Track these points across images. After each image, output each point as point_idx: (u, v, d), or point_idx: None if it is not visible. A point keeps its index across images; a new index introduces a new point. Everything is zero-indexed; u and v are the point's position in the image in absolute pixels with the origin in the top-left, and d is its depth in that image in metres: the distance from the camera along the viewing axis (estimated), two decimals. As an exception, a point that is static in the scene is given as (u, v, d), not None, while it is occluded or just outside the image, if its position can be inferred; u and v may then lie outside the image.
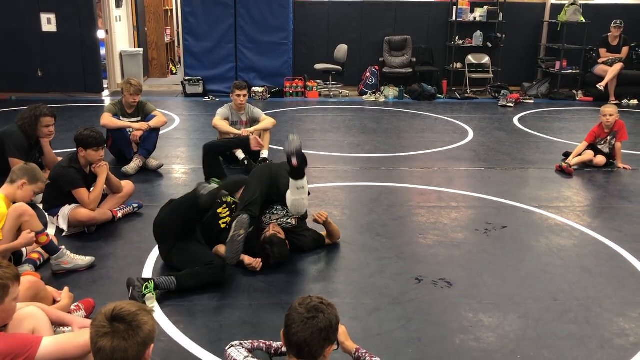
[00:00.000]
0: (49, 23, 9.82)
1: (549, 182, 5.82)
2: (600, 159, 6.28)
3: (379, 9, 11.06)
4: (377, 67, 10.87)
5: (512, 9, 11.15)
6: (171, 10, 14.10)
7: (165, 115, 7.50)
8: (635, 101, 10.26)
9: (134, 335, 1.89)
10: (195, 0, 10.12)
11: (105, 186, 4.47)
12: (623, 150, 6.42)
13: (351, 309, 3.34)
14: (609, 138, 6.34)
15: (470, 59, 11.06)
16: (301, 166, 3.67)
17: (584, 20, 10.64)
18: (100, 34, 10.33)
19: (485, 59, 11.08)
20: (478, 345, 3.03)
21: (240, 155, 5.90)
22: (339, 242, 4.24)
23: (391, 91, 10.49)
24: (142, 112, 6.04)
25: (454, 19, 10.92)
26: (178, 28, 13.78)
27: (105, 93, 10.45)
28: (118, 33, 11.00)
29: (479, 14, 10.92)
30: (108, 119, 5.83)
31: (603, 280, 3.77)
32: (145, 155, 5.89)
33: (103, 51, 10.53)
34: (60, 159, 4.83)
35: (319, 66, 10.57)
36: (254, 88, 10.11)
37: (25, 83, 9.92)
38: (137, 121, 5.98)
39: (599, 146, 6.38)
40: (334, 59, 10.54)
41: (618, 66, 10.07)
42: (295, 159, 3.59)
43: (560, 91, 10.72)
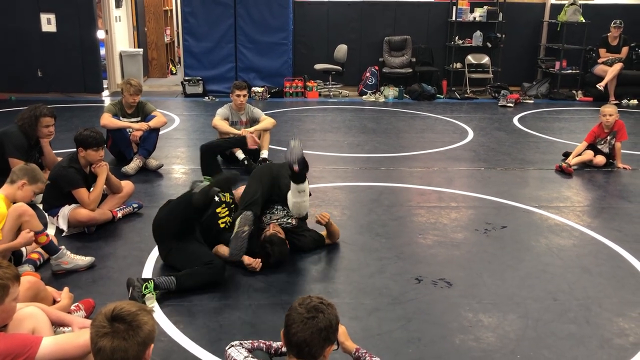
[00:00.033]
0: (48, 23, 9.81)
1: (548, 182, 5.82)
2: (600, 159, 6.28)
3: (379, 9, 11.06)
4: (377, 67, 10.87)
5: (512, 9, 11.15)
6: (171, 11, 14.10)
7: (165, 115, 7.51)
8: (635, 101, 10.26)
9: (134, 335, 1.89)
10: (195, 1, 10.12)
11: (105, 186, 4.47)
12: (623, 150, 6.42)
13: (351, 309, 3.34)
14: (609, 138, 6.34)
15: (470, 59, 11.06)
16: (302, 172, 3.69)
17: (584, 20, 10.64)
18: (100, 34, 10.33)
19: (485, 59, 11.08)
20: (478, 345, 3.03)
21: (240, 155, 5.90)
22: (338, 242, 4.24)
23: (391, 91, 10.49)
24: (142, 113, 6.04)
25: (454, 19, 10.92)
26: (178, 28, 13.78)
27: (105, 93, 10.45)
28: (118, 33, 11.00)
29: (479, 14, 10.92)
30: (108, 119, 5.83)
31: (603, 280, 3.77)
32: (145, 156, 5.89)
33: (103, 51, 10.53)
34: (60, 159, 4.83)
35: (318, 66, 10.57)
36: (253, 88, 10.11)
37: (25, 83, 9.92)
38: (137, 121, 5.98)
39: (599, 146, 6.38)
40: (333, 59, 10.54)
41: (618, 66, 10.07)
42: (296, 166, 3.60)
43: (560, 91, 10.73)
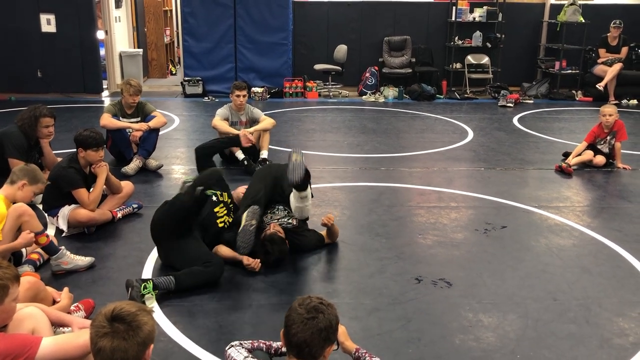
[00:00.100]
0: (48, 24, 9.82)
1: (548, 182, 5.82)
2: (600, 159, 6.28)
3: (379, 10, 11.06)
4: (377, 68, 10.87)
5: (512, 9, 11.15)
6: (171, 11, 14.11)
7: (165, 115, 7.51)
8: (634, 101, 10.26)
9: (134, 336, 1.89)
10: (194, 1, 10.12)
11: (104, 187, 4.47)
12: (622, 150, 6.42)
13: (351, 309, 3.34)
14: (609, 138, 6.34)
15: (470, 59, 11.06)
16: (304, 182, 3.72)
17: (584, 21, 10.64)
18: (100, 35, 10.33)
19: (485, 59, 11.08)
20: (478, 345, 3.03)
21: (240, 155, 5.90)
22: (338, 242, 4.24)
23: (391, 91, 10.50)
24: (142, 113, 6.04)
25: (454, 19, 10.92)
26: (177, 28, 13.80)
27: (105, 93, 10.45)
28: (117, 33, 11.00)
29: (479, 14, 10.92)
30: (107, 120, 5.83)
31: (602, 280, 3.77)
32: (144, 156, 5.89)
33: (102, 52, 10.53)
34: (60, 159, 4.83)
35: (318, 66, 10.57)
36: (253, 88, 10.11)
37: (24, 84, 9.92)
38: (137, 122, 5.98)
39: (599, 146, 6.38)
40: (333, 60, 10.54)
41: (617, 66, 10.08)
42: (299, 183, 3.65)
43: (559, 91, 10.73)
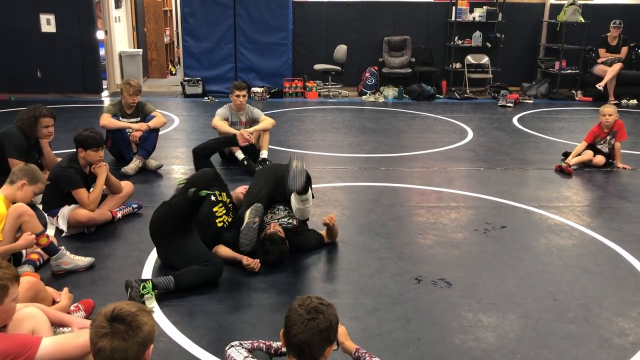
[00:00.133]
0: (48, 24, 9.81)
1: (548, 182, 5.82)
2: (600, 159, 6.28)
3: (378, 10, 11.06)
4: (377, 68, 10.87)
5: (511, 9, 11.16)
6: (170, 11, 14.11)
7: (165, 115, 7.51)
8: (634, 101, 10.26)
9: (134, 336, 1.88)
10: (194, 1, 10.12)
11: (104, 187, 4.47)
12: (622, 150, 6.42)
13: (351, 309, 3.34)
14: (609, 138, 6.34)
15: (470, 59, 11.06)
16: (305, 188, 3.75)
17: (583, 20, 10.64)
18: (100, 35, 10.32)
19: (485, 59, 11.08)
20: (478, 345, 3.03)
21: (240, 155, 5.90)
22: (338, 242, 4.24)
23: (390, 91, 10.50)
24: (142, 113, 6.04)
25: (453, 19, 10.92)
26: (177, 28, 13.80)
27: (105, 94, 10.45)
28: (117, 34, 11.00)
29: (478, 14, 10.92)
30: (107, 120, 5.83)
31: (602, 280, 3.77)
32: (144, 156, 5.89)
33: (102, 52, 10.53)
34: (59, 159, 4.83)
35: (318, 66, 10.57)
36: (253, 88, 10.11)
37: (24, 84, 9.92)
38: (137, 122, 5.98)
39: (599, 146, 6.38)
40: (333, 60, 10.54)
41: (617, 66, 10.08)
42: (299, 190, 3.70)
43: (559, 91, 10.73)
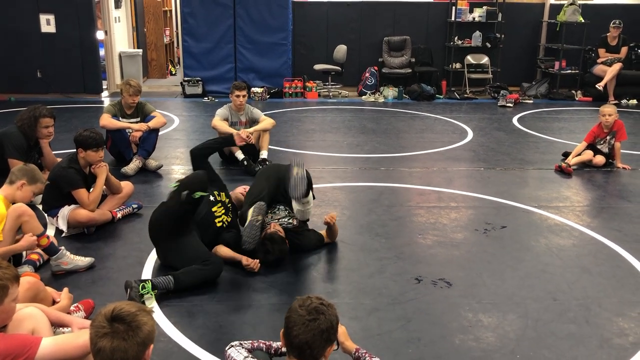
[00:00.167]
0: (48, 24, 9.81)
1: (548, 182, 5.82)
2: (600, 159, 6.28)
3: (378, 10, 11.06)
4: (376, 68, 10.87)
5: (511, 9, 11.16)
6: (170, 11, 14.11)
7: (165, 116, 7.52)
8: (634, 101, 10.26)
9: (134, 336, 1.88)
10: (194, 1, 10.12)
11: (104, 187, 4.47)
12: (622, 150, 6.42)
13: (351, 309, 3.34)
14: (608, 138, 6.34)
15: (470, 59, 11.06)
16: (306, 193, 3.77)
17: (583, 20, 10.64)
18: (100, 35, 10.32)
19: (485, 59, 11.08)
20: (477, 345, 3.03)
21: (240, 155, 5.90)
22: (338, 242, 4.24)
23: (390, 91, 10.50)
24: (142, 113, 6.04)
25: (453, 19, 10.93)
26: (177, 29, 13.79)
27: (105, 94, 10.45)
28: (117, 34, 11.00)
29: (478, 14, 10.93)
30: (107, 120, 5.83)
31: (602, 280, 3.77)
32: (144, 156, 5.89)
33: (102, 52, 10.53)
34: (59, 159, 4.83)
35: (318, 67, 10.57)
36: (253, 89, 10.11)
37: (24, 84, 9.92)
38: (137, 122, 5.98)
39: (598, 146, 6.38)
40: (333, 60, 10.54)
41: (617, 66, 10.08)
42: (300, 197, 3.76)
43: (559, 91, 10.73)
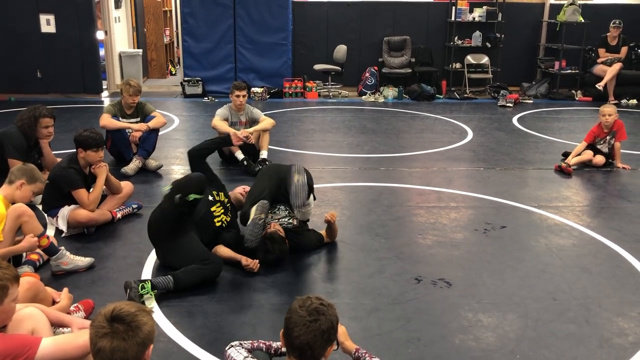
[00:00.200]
0: (48, 24, 9.81)
1: (548, 182, 5.82)
2: (600, 159, 6.28)
3: (378, 10, 11.06)
4: (376, 68, 10.87)
5: (511, 9, 11.16)
6: (170, 11, 14.11)
7: (165, 116, 7.52)
8: (634, 101, 10.26)
9: (134, 336, 1.89)
10: (194, 1, 10.12)
11: (104, 187, 4.47)
12: (622, 150, 6.42)
13: (350, 309, 3.34)
14: (608, 138, 6.34)
15: (470, 59, 11.06)
16: (307, 195, 3.83)
17: (583, 20, 10.64)
18: (100, 35, 10.32)
19: (485, 59, 11.08)
20: (477, 345, 3.03)
21: (240, 155, 5.90)
22: (338, 243, 4.24)
23: (390, 91, 10.50)
24: (142, 113, 6.04)
25: (453, 19, 10.92)
26: (177, 29, 13.80)
27: (105, 94, 10.45)
28: (117, 34, 11.01)
29: (478, 14, 10.92)
30: (107, 120, 5.83)
31: (602, 280, 3.77)
32: (144, 156, 5.89)
33: (102, 52, 10.53)
34: (59, 159, 4.83)
35: (318, 67, 10.57)
36: (253, 89, 10.11)
37: (24, 84, 9.92)
38: (137, 122, 5.98)
39: (598, 146, 6.38)
40: (333, 60, 10.54)
41: (617, 66, 10.08)
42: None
43: (559, 91, 10.73)
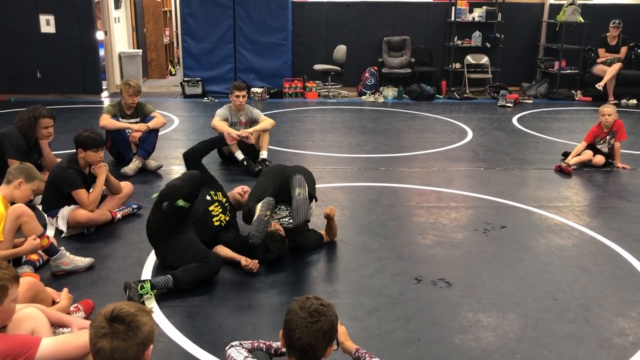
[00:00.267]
0: (47, 24, 9.81)
1: (548, 182, 5.82)
2: (599, 159, 6.28)
3: (378, 10, 11.06)
4: (376, 68, 10.87)
5: (511, 9, 11.16)
6: (170, 11, 14.11)
7: (164, 116, 7.51)
8: (634, 101, 10.27)
9: (133, 336, 1.89)
10: (194, 2, 10.13)
11: (104, 187, 4.47)
12: (622, 150, 6.42)
13: (350, 310, 3.34)
14: (608, 138, 6.34)
15: (469, 59, 11.07)
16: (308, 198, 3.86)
17: (583, 20, 10.64)
18: (99, 35, 10.33)
19: (484, 59, 11.09)
20: (477, 345, 3.03)
21: (240, 155, 5.90)
22: (338, 242, 4.24)
23: (390, 91, 10.50)
24: (141, 113, 6.04)
25: (453, 19, 10.92)
26: (177, 29, 13.80)
27: (104, 94, 10.45)
28: (117, 34, 11.00)
29: (478, 14, 10.93)
30: (107, 120, 5.83)
31: (602, 280, 3.77)
32: (144, 156, 5.89)
33: (102, 52, 10.53)
34: (59, 160, 4.83)
35: (318, 67, 10.57)
36: (253, 89, 10.11)
37: (24, 84, 9.91)
38: (136, 122, 5.98)
39: (598, 146, 6.38)
40: (332, 60, 10.54)
41: (617, 66, 10.08)
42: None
43: (559, 91, 10.73)
